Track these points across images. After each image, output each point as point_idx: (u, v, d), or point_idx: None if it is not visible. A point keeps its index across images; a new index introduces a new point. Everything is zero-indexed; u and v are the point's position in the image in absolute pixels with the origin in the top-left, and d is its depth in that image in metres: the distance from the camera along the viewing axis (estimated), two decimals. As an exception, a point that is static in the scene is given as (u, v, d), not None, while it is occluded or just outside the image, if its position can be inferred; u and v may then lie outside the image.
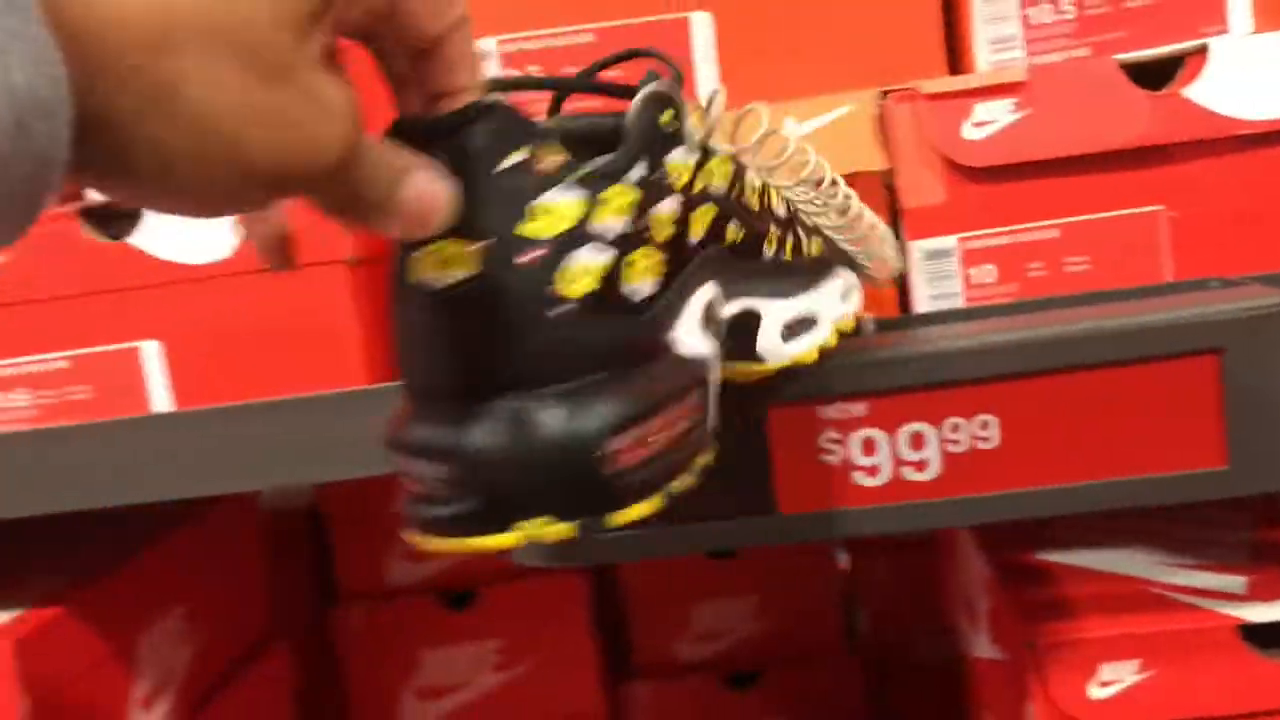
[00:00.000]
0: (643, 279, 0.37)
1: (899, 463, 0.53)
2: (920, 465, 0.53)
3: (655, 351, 0.38)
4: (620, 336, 0.37)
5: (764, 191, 0.46)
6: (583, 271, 0.35)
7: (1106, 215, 0.62)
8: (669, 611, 1.06)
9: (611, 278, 0.36)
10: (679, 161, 0.39)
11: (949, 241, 0.62)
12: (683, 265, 0.40)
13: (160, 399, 0.68)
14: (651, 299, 0.38)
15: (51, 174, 0.25)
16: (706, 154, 0.41)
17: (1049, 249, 0.62)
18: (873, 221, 0.54)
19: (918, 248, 0.62)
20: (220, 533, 0.93)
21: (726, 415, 0.52)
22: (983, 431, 0.52)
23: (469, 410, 0.35)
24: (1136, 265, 0.62)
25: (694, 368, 0.39)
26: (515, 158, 0.34)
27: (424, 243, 0.35)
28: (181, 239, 0.65)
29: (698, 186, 0.40)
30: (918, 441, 0.53)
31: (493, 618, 1.04)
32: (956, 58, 0.65)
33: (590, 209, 0.36)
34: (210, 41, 0.27)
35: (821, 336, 0.50)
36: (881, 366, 0.53)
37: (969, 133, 0.61)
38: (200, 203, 0.30)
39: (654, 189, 0.38)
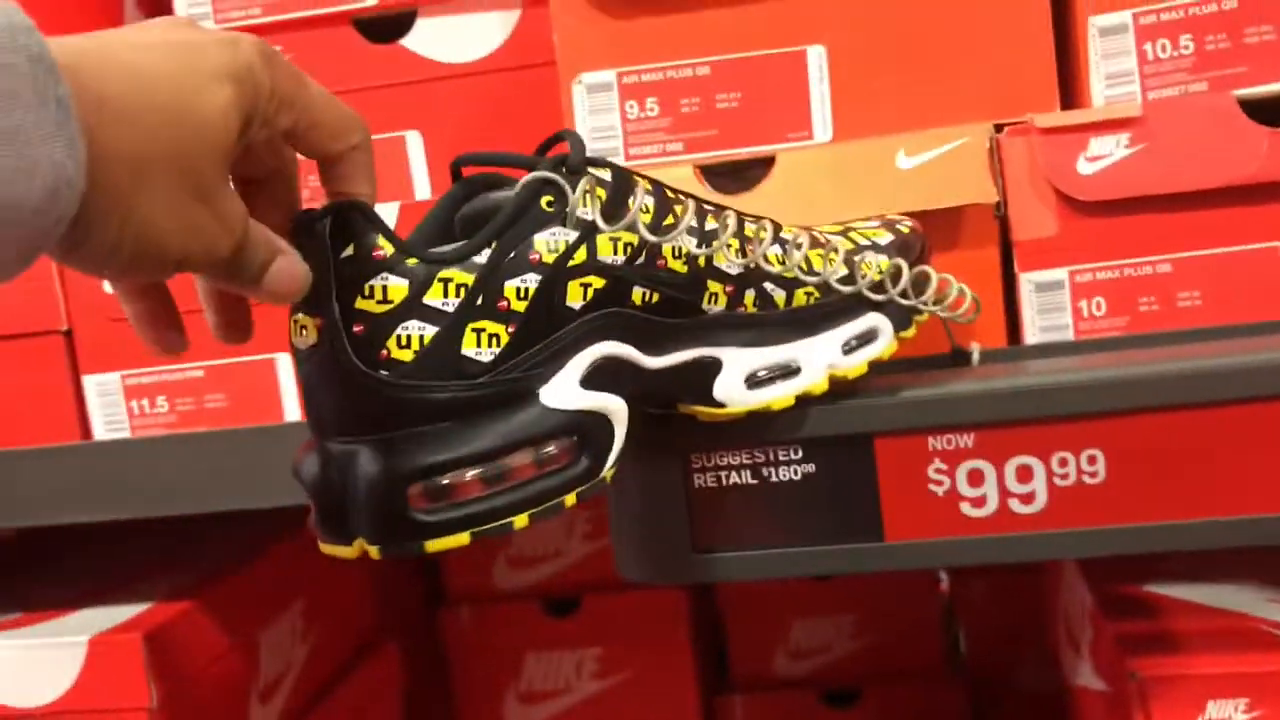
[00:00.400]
0: (486, 345, 0.45)
1: (1006, 494, 0.54)
2: (1027, 498, 0.53)
3: (501, 406, 0.45)
4: (452, 393, 0.44)
5: (693, 255, 0.50)
6: (410, 340, 0.43)
7: (1221, 250, 0.61)
8: (768, 627, 1.07)
9: (445, 344, 0.44)
10: (548, 239, 0.46)
11: (1060, 274, 0.63)
12: (553, 329, 0.46)
13: (292, 408, 0.72)
14: (499, 361, 0.45)
15: (59, 231, 0.34)
16: (592, 230, 0.46)
17: (1161, 283, 0.62)
18: (911, 270, 0.56)
19: (1028, 280, 0.63)
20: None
21: (833, 444, 0.54)
22: (1090, 466, 0.53)
23: (320, 448, 0.45)
24: (1251, 301, 0.61)
25: (559, 420, 0.46)
26: (352, 248, 0.43)
27: (294, 313, 0.44)
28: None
29: (576, 260, 0.46)
30: (1025, 474, 0.53)
31: (595, 626, 1.06)
32: (1071, 92, 0.65)
33: (421, 289, 0.43)
34: (169, 172, 0.37)
35: (803, 384, 0.53)
36: (990, 399, 0.53)
37: (1083, 167, 0.61)
38: (121, 276, 0.42)
39: (504, 269, 0.45)
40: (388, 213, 0.69)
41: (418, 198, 0.76)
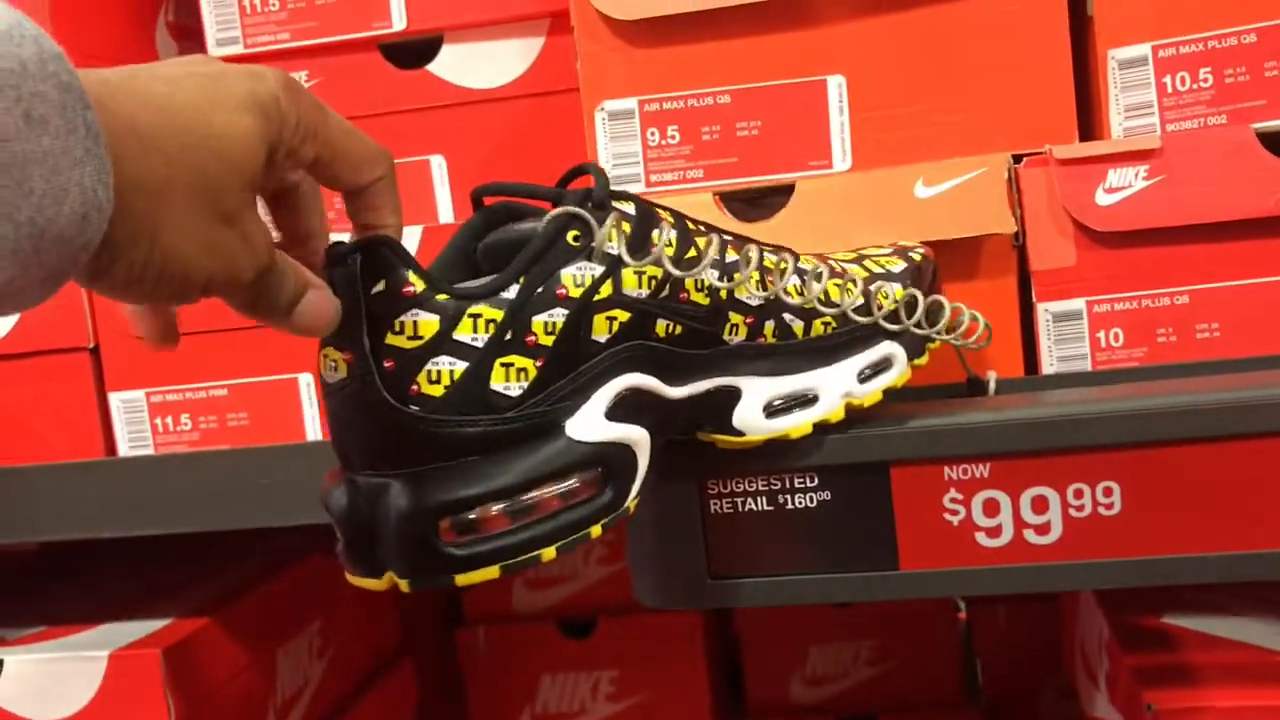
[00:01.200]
0: (515, 379, 0.45)
1: (1021, 525, 0.54)
2: (1042, 529, 0.53)
3: (529, 440, 0.45)
4: (481, 428, 0.44)
5: (715, 288, 0.50)
6: (441, 375, 0.44)
7: (1239, 283, 0.62)
8: (785, 652, 1.07)
9: (474, 379, 0.44)
10: (574, 274, 0.46)
11: (1077, 304, 0.63)
12: (579, 363, 0.47)
13: (314, 428, 0.72)
14: (527, 395, 0.45)
15: (85, 256, 0.35)
16: (618, 264, 0.47)
17: (1179, 315, 0.62)
18: (925, 299, 0.56)
19: (1046, 310, 0.63)
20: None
21: (849, 471, 0.54)
22: (1105, 498, 0.53)
23: (348, 481, 0.45)
24: (1268, 334, 0.61)
25: (585, 452, 0.46)
26: (383, 284, 0.43)
27: (324, 348, 0.44)
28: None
29: (602, 294, 0.47)
30: (1040, 505, 0.53)
31: (610, 648, 1.06)
32: (1090, 123, 0.66)
33: (451, 325, 0.44)
34: (193, 196, 0.37)
35: (820, 412, 0.53)
36: (1006, 429, 0.53)
37: (1101, 198, 0.61)
38: (146, 300, 0.41)
39: (532, 304, 0.45)
40: (411, 236, 0.70)
41: (441, 221, 0.77)
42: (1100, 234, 0.62)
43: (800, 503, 0.55)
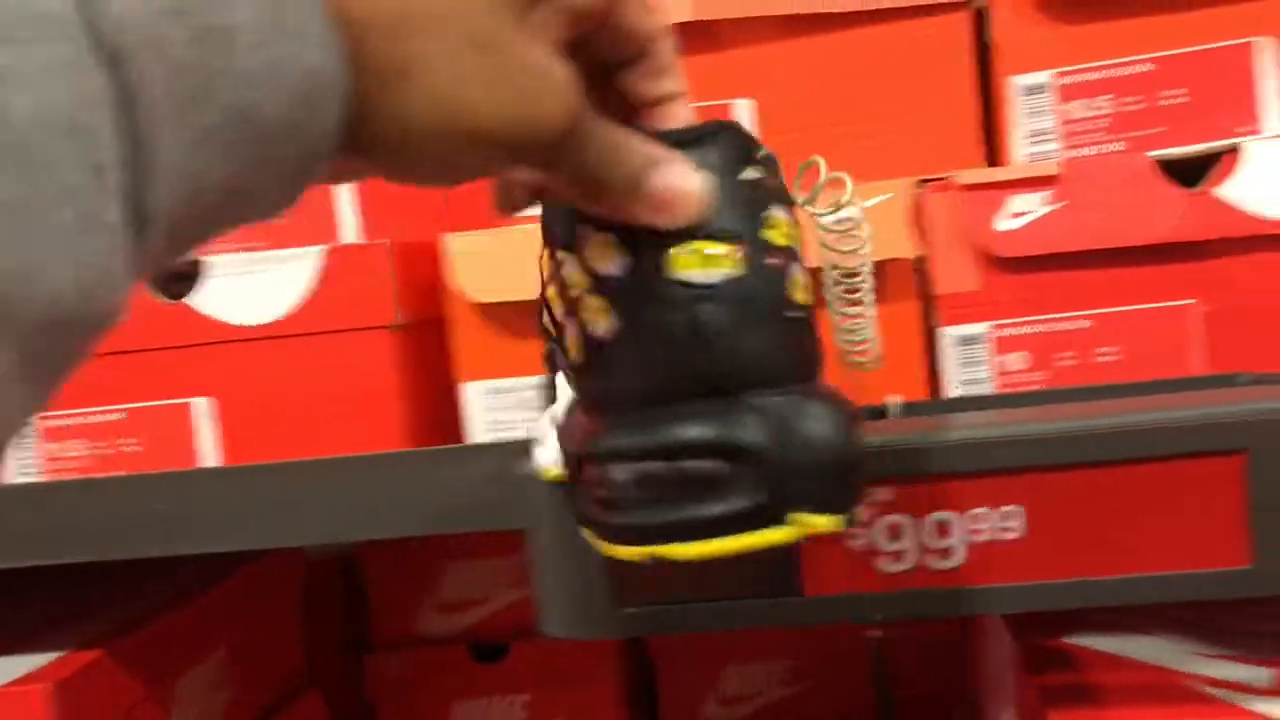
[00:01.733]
0: (809, 302, 0.38)
1: (924, 550, 0.54)
2: (945, 553, 0.53)
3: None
4: (816, 348, 0.38)
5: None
6: (803, 282, 0.37)
7: (1138, 307, 0.63)
8: (699, 672, 1.06)
9: (812, 295, 0.38)
10: (785, 217, 0.41)
11: (980, 328, 0.63)
12: None
13: (209, 454, 0.70)
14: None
15: (327, 144, 0.29)
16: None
17: (1080, 339, 0.63)
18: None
19: (949, 333, 0.63)
20: (259, 582, 0.95)
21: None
22: (1007, 522, 0.53)
23: (739, 404, 0.36)
24: (1167, 358, 0.62)
25: None
26: (753, 172, 0.37)
27: (684, 240, 0.36)
28: (236, 301, 0.67)
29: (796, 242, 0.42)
30: (943, 530, 0.53)
31: (523, 672, 1.05)
32: (994, 150, 0.67)
33: (796, 228, 0.38)
34: (437, 26, 0.30)
35: None
36: (908, 454, 0.53)
37: (1003, 223, 0.62)
38: (439, 167, 0.32)
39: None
40: (310, 257, 0.69)
41: (343, 241, 0.76)
42: (1003, 259, 0.63)
43: (706, 529, 0.55)
